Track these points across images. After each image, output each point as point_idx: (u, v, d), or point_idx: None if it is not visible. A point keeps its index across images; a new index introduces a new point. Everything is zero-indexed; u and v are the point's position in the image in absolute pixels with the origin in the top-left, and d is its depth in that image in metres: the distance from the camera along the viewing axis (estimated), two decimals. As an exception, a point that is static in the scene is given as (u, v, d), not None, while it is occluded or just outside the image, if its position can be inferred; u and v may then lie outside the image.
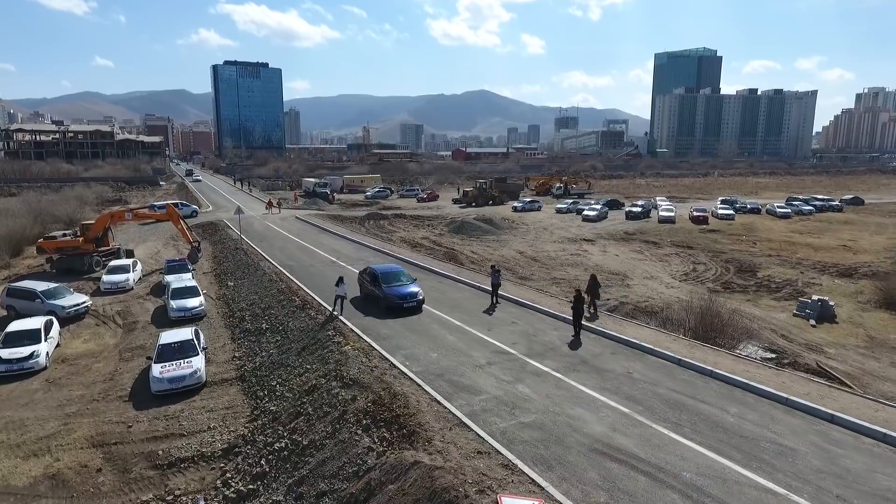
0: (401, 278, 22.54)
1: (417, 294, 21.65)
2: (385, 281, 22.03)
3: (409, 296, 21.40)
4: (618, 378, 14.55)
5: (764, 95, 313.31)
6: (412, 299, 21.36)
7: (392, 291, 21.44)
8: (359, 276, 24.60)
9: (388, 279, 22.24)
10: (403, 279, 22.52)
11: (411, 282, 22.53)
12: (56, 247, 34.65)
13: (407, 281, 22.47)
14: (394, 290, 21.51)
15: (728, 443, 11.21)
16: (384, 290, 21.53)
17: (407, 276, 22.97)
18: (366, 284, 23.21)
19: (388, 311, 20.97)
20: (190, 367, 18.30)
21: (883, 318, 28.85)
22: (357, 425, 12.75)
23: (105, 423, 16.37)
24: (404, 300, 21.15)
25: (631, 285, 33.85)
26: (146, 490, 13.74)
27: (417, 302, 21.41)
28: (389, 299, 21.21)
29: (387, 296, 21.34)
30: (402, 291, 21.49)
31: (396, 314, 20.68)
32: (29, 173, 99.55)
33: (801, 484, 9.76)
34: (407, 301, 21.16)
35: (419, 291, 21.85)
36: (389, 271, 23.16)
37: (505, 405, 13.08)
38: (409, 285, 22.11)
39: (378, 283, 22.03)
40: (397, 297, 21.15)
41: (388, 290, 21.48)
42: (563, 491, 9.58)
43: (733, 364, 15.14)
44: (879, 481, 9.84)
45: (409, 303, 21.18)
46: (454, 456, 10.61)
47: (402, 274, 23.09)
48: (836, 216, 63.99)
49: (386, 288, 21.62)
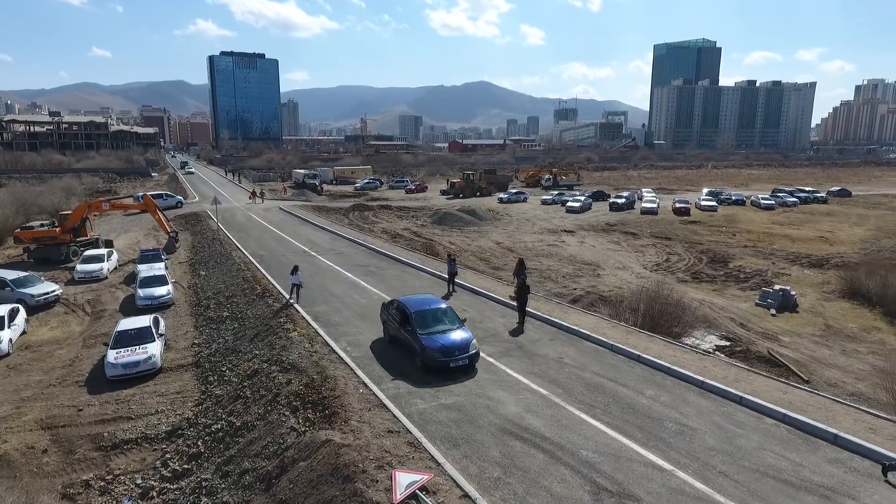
0: (443, 319, 15.83)
1: (469, 343, 14.83)
2: (422, 324, 15.33)
3: (458, 348, 14.59)
4: (548, 363, 14.97)
5: (762, 87, 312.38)
6: (461, 354, 14.50)
7: (433, 343, 14.61)
8: (382, 310, 17.81)
9: (426, 321, 15.51)
10: (447, 321, 15.77)
11: (459, 324, 15.72)
12: (33, 237, 35.02)
13: (453, 323, 15.67)
14: (435, 340, 14.72)
15: (634, 423, 11.64)
16: (421, 340, 14.76)
17: (452, 316, 16.15)
18: (391, 324, 16.67)
19: (427, 370, 14.50)
20: (145, 352, 18.71)
21: (844, 307, 29.27)
22: (287, 407, 13.19)
23: (56, 407, 16.81)
24: (451, 357, 14.35)
25: (602, 275, 34.26)
26: (88, 470, 14.21)
27: (469, 358, 14.60)
28: (429, 355, 14.43)
29: (425, 349, 14.55)
30: (448, 342, 14.70)
31: (440, 378, 14.17)
32: (21, 164, 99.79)
33: (690, 461, 10.18)
34: (455, 357, 14.40)
35: (471, 339, 15.02)
36: (427, 309, 16.12)
37: (431, 388, 13.51)
38: (456, 329, 15.35)
39: (411, 325, 15.36)
40: (440, 353, 14.37)
41: (427, 341, 14.68)
42: (460, 467, 10.01)
43: (662, 349, 15.55)
44: (765, 458, 10.27)
45: (457, 360, 14.40)
46: (365, 435, 11.05)
47: (444, 313, 16.20)
48: (819, 208, 64.31)
49: (424, 337, 14.84)
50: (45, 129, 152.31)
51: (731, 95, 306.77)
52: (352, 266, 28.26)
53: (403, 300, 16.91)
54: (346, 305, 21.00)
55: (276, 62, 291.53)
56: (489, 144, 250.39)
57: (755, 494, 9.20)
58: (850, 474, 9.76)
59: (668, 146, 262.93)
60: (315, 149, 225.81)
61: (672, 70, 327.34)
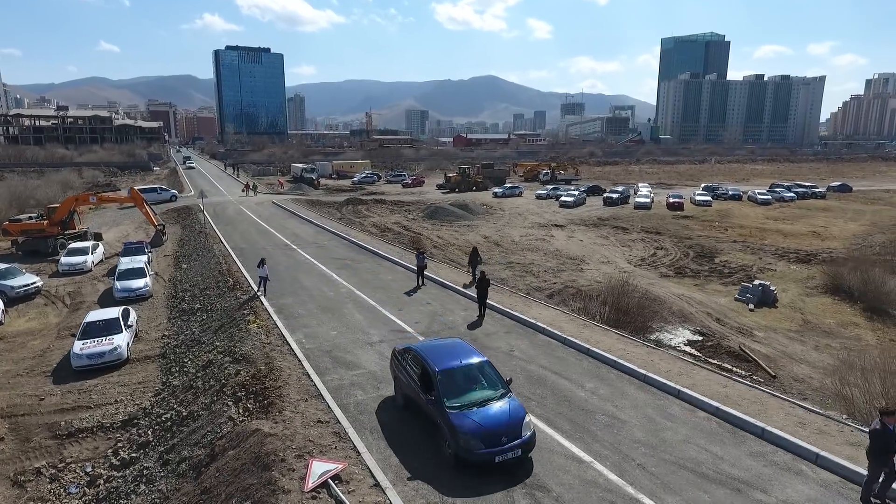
0: (480, 380, 10.95)
1: (521, 421, 10.07)
2: (450, 390, 10.49)
3: (505, 429, 9.84)
4: (497, 356, 14.99)
5: (770, 81, 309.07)
6: (511, 441, 9.74)
7: (467, 423, 9.88)
8: (392, 361, 12.72)
9: (455, 384, 10.64)
10: (486, 383, 10.90)
11: (503, 388, 10.79)
12: (21, 229, 35.42)
13: (494, 388, 10.78)
14: (470, 418, 9.97)
15: (565, 416, 11.66)
16: (450, 417, 10.05)
17: (492, 375, 11.10)
18: (406, 382, 11.70)
19: (460, 462, 9.75)
20: (111, 343, 18.92)
21: (824, 303, 29.05)
22: (231, 397, 13.33)
23: (19, 396, 17.07)
24: (496, 445, 9.63)
25: (584, 269, 34.20)
26: (41, 458, 14.43)
27: (522, 446, 9.80)
28: (463, 442, 9.70)
29: (457, 432, 9.80)
30: (490, 420, 9.96)
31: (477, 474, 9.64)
32: (24, 157, 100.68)
33: (611, 453, 10.20)
34: (503, 448, 9.64)
35: (523, 415, 10.25)
36: (456, 366, 11.05)
37: (374, 379, 13.60)
38: (501, 398, 10.54)
39: (435, 392, 10.49)
40: (479, 439, 9.66)
41: (458, 419, 9.98)
42: (382, 457, 10.09)
43: (613, 343, 15.54)
44: (687, 451, 10.27)
45: (506, 451, 9.65)
46: (295, 425, 11.16)
47: (481, 370, 11.18)
48: (816, 203, 63.69)
49: (454, 413, 10.11)
50: (51, 124, 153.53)
51: (738, 90, 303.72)
52: (328, 259, 28.38)
53: (421, 349, 11.77)
54: (312, 298, 21.12)
55: (282, 56, 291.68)
56: (493, 139, 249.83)
57: (666, 487, 9.21)
58: (769, 468, 9.75)
59: (675, 141, 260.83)
60: (320, 143, 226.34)
61: (679, 64, 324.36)
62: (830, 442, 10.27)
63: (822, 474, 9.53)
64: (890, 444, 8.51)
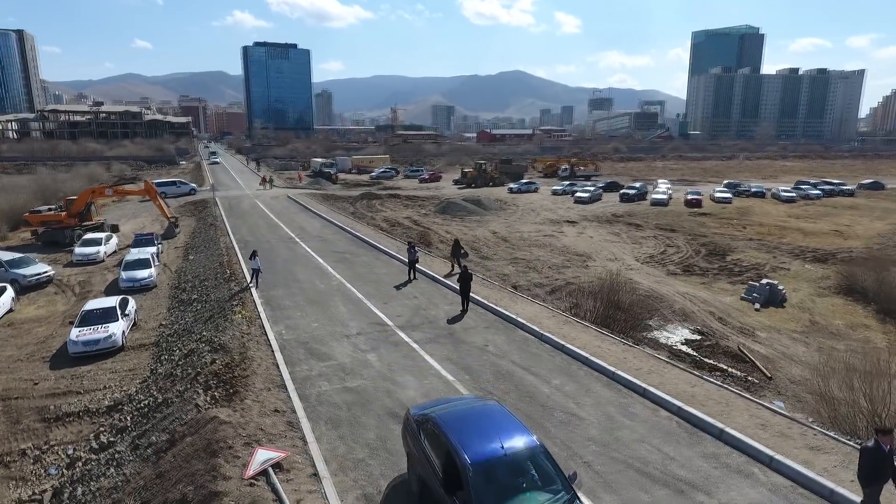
0: (532, 476, 7.81)
1: None
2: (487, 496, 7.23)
3: None
4: (471, 350, 14.94)
5: (806, 75, 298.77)
6: None
7: None
8: (404, 433, 9.47)
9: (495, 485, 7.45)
10: (539, 485, 7.68)
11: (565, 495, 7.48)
12: (41, 220, 36.73)
13: (554, 494, 7.48)
14: None
15: (524, 411, 11.54)
16: None
17: (548, 468, 7.83)
18: (423, 466, 8.56)
19: None
20: (106, 331, 19.47)
21: (835, 303, 28.08)
22: (202, 385, 13.58)
23: (15, 381, 17.71)
24: None
25: (590, 266, 33.77)
26: (28, 440, 14.96)
27: None
28: None
29: None
30: None
31: None
32: (57, 152, 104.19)
33: (560, 450, 10.06)
34: None
35: None
36: (496, 456, 7.71)
37: (342, 371, 13.70)
38: None
39: (465, 495, 7.33)
40: None
41: None
42: (329, 447, 10.17)
43: (590, 340, 15.30)
44: (638, 450, 10.06)
45: None
46: (252, 414, 11.32)
47: (531, 459, 7.96)
48: (843, 201, 61.48)
49: None
50: (85, 119, 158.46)
51: (771, 84, 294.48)
52: (328, 252, 28.65)
53: (444, 420, 8.45)
54: (302, 291, 21.36)
55: (308, 52, 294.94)
56: (517, 134, 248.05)
57: (608, 486, 9.05)
58: (719, 469, 9.48)
59: (705, 136, 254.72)
60: (345, 138, 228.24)
61: (711, 58, 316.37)
62: (789, 445, 9.93)
63: (773, 478, 9.23)
64: (881, 467, 7.42)
